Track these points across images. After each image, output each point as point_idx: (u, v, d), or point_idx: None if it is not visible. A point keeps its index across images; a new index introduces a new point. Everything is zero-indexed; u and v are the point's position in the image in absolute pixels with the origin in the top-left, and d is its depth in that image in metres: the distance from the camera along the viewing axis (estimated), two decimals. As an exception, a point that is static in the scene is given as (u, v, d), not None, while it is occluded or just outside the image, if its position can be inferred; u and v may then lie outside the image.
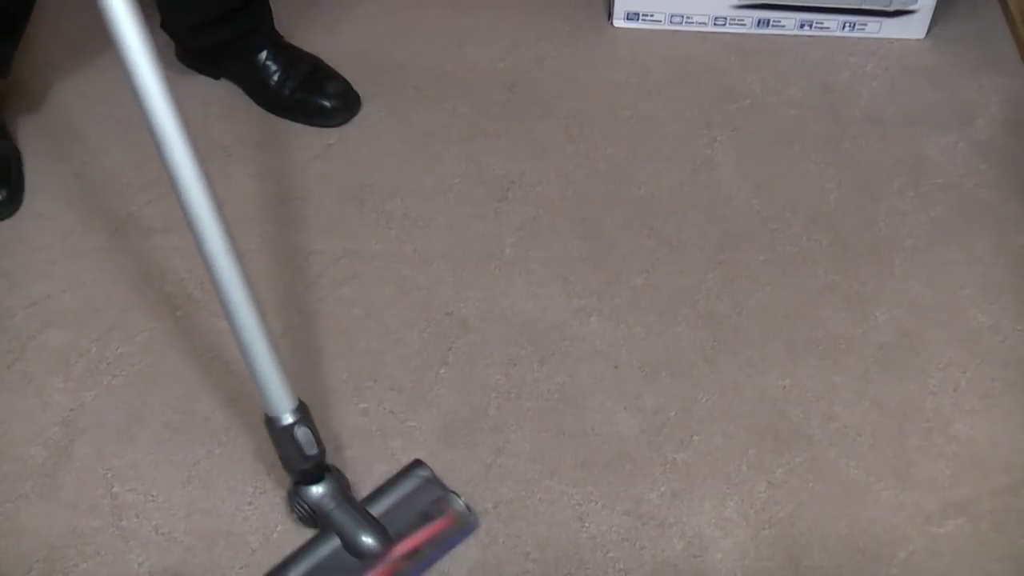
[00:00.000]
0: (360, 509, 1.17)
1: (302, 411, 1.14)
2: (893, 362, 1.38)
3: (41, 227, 1.50)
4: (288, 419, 1.12)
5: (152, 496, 1.24)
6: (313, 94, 1.64)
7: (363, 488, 1.23)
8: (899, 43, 1.79)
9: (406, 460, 1.27)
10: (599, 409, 1.33)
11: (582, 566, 1.19)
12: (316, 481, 1.16)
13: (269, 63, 1.63)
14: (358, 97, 1.67)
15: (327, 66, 1.67)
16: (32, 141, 1.42)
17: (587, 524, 1.22)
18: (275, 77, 1.64)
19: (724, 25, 1.80)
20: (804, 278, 1.46)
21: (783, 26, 1.80)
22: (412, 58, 1.76)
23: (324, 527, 1.16)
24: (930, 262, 1.49)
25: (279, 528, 1.22)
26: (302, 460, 1.13)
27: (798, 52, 1.78)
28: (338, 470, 1.19)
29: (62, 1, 1.82)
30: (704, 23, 1.80)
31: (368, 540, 1.14)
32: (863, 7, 1.76)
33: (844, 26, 1.79)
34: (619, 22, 1.81)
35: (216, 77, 1.70)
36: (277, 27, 1.67)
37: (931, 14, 1.77)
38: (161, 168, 1.54)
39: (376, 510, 1.18)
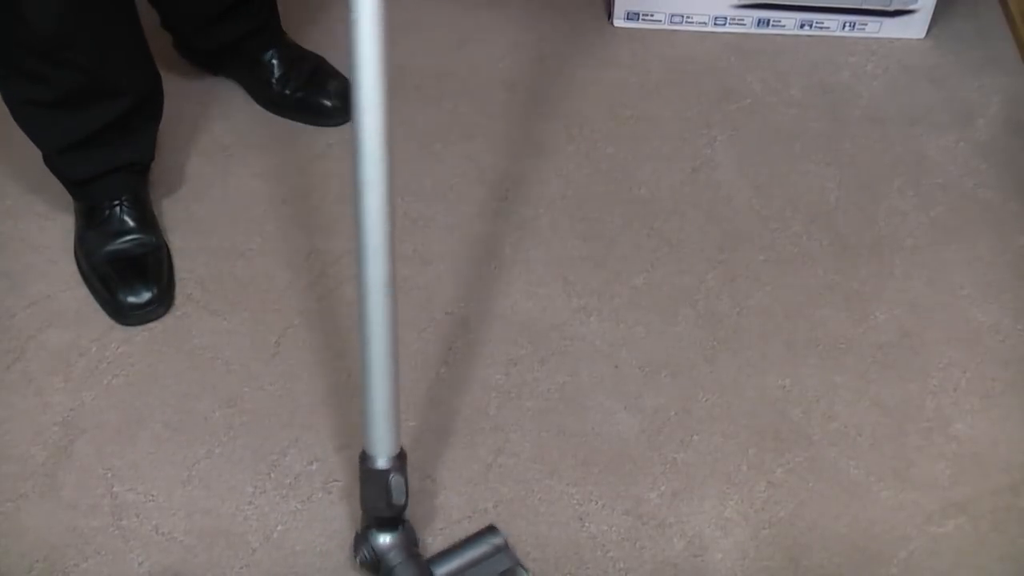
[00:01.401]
0: (424, 569, 1.13)
1: (401, 459, 1.11)
2: (893, 362, 1.38)
3: (41, 227, 1.50)
4: (385, 464, 1.10)
5: (152, 496, 1.24)
6: (314, 93, 1.64)
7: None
8: (899, 43, 1.79)
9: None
10: (599, 409, 1.33)
11: (582, 566, 1.19)
12: (388, 530, 1.12)
13: (273, 62, 1.63)
14: (358, 97, 1.66)
15: (329, 65, 1.67)
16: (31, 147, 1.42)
17: (587, 524, 1.22)
18: (276, 76, 1.63)
19: (724, 25, 1.80)
20: (804, 278, 1.46)
21: (783, 26, 1.80)
22: (412, 58, 1.76)
23: None
24: (930, 262, 1.49)
25: (279, 528, 1.22)
26: (386, 507, 1.10)
27: (798, 52, 1.78)
28: (411, 525, 1.15)
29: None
30: (704, 23, 1.80)
31: None
32: (863, 7, 1.76)
33: (844, 26, 1.79)
34: (619, 22, 1.81)
35: (215, 73, 1.70)
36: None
37: (931, 14, 1.77)
38: (165, 169, 1.55)
39: (441, 571, 1.14)
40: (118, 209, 1.43)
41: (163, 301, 1.40)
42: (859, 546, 1.21)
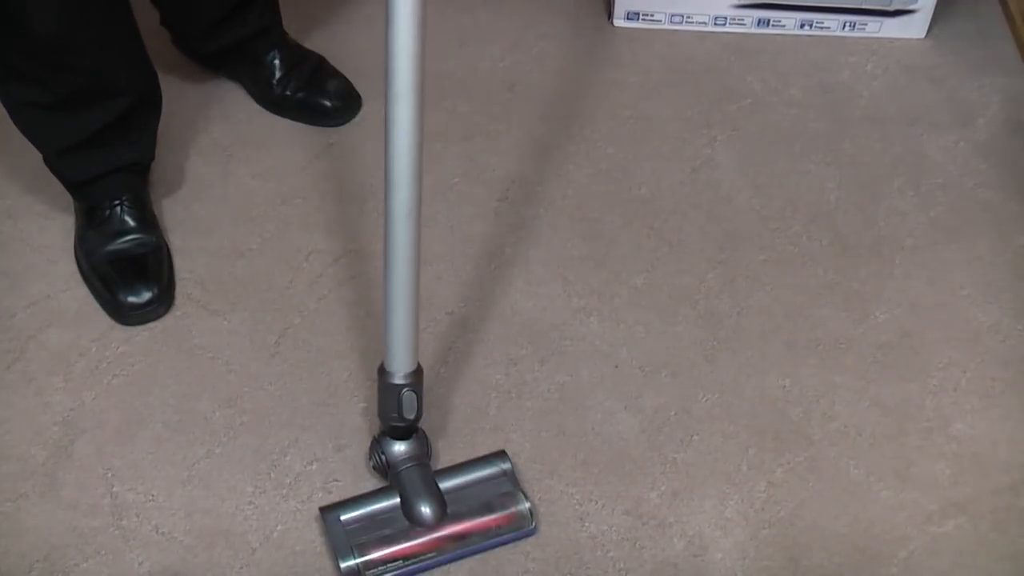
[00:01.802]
0: (429, 478, 1.20)
1: (416, 376, 1.17)
2: (893, 362, 1.38)
3: (41, 227, 1.50)
4: (400, 380, 1.16)
5: (152, 496, 1.24)
6: (314, 93, 1.63)
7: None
8: (899, 43, 1.79)
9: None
10: (599, 409, 1.33)
11: (582, 566, 1.19)
12: (402, 438, 1.20)
13: (275, 63, 1.63)
14: (359, 97, 1.67)
15: (330, 65, 1.67)
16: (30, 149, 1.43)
17: (587, 524, 1.22)
18: (278, 77, 1.63)
19: (724, 25, 1.80)
20: (804, 278, 1.46)
21: (783, 26, 1.80)
22: (412, 58, 1.76)
23: (391, 483, 1.20)
24: (930, 262, 1.49)
25: (279, 528, 1.22)
26: (398, 419, 1.18)
27: (798, 52, 1.78)
28: (425, 435, 1.22)
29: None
30: (704, 23, 1.80)
31: (424, 510, 1.18)
32: (863, 7, 1.76)
33: (844, 26, 1.79)
34: (619, 22, 1.81)
35: (216, 72, 1.69)
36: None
37: (931, 14, 1.77)
38: (165, 169, 1.55)
39: (444, 484, 1.21)
40: (118, 209, 1.43)
41: (163, 301, 1.41)
42: (859, 546, 1.21)
